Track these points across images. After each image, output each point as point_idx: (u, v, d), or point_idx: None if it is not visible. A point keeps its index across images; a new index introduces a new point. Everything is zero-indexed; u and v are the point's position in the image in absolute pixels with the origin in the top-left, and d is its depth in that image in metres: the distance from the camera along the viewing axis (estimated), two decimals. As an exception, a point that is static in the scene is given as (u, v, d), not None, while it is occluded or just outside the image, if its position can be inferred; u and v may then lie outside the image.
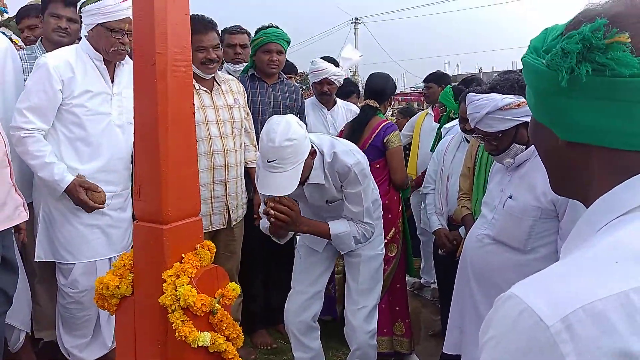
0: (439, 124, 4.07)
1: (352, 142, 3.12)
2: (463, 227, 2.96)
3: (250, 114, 3.18)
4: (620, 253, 0.59)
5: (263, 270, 3.38)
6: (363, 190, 2.21)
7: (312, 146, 2.08)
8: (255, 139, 3.21)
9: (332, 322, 3.48)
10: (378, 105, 3.20)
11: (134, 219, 1.69)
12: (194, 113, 1.61)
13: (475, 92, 2.33)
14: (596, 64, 0.64)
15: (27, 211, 2.27)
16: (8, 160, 2.14)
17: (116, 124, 2.59)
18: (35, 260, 2.56)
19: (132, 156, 2.72)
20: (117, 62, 2.63)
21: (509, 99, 2.09)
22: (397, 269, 3.23)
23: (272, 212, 2.08)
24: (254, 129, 3.22)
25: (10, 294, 2.26)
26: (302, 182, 2.13)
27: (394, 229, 3.18)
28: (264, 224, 2.33)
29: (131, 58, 2.02)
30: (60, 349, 2.71)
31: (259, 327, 3.34)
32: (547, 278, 0.61)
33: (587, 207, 0.72)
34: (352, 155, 2.14)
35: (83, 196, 2.41)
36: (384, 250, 2.63)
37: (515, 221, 2.12)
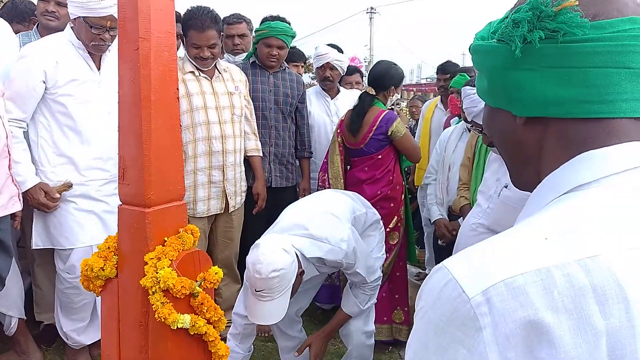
0: (457, 118, 3.96)
1: (351, 134, 3.13)
2: (461, 218, 2.94)
3: (252, 103, 3.19)
4: (550, 230, 0.60)
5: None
6: (356, 266, 2.23)
7: (300, 265, 2.05)
8: (256, 128, 3.22)
9: (333, 310, 3.50)
10: (375, 94, 3.15)
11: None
12: (177, 98, 1.62)
13: (470, 86, 2.31)
14: (547, 31, 0.64)
15: (22, 201, 2.31)
16: (8, 151, 2.19)
17: (105, 110, 2.60)
18: (33, 248, 2.60)
19: None
20: None
21: None
22: (398, 257, 3.22)
23: None
24: (256, 117, 3.23)
25: (3, 276, 2.31)
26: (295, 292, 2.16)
27: (396, 217, 3.16)
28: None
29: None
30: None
31: (256, 314, 3.37)
32: (476, 252, 0.62)
33: None
34: (338, 251, 2.11)
35: (43, 199, 2.44)
36: (385, 255, 2.64)
37: (510, 211, 2.10)
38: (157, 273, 1.50)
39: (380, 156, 3.15)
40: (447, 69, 4.54)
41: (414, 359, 0.62)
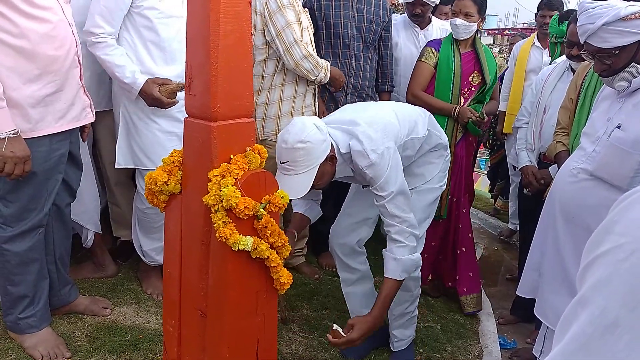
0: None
1: None
2: (554, 166, 2.66)
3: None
4: None
5: (335, 193, 3.30)
6: (382, 183, 1.97)
7: (333, 151, 1.91)
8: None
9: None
10: None
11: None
12: (249, 3, 1.47)
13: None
14: None
15: (94, 113, 2.30)
16: (79, 60, 2.16)
17: None
18: (115, 167, 2.61)
19: None
20: None
21: (634, 7, 1.75)
22: None
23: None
24: (336, 45, 3.05)
25: (74, 188, 2.34)
26: (327, 182, 1.98)
27: None
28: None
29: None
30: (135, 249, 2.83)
31: (326, 248, 3.31)
32: None
33: None
34: (366, 155, 1.92)
35: (157, 93, 2.38)
36: (444, 187, 2.40)
37: (621, 155, 1.83)
38: (220, 191, 1.42)
39: None
40: (553, 5, 4.07)
41: (603, 319, 0.44)
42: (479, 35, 3.05)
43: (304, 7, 2.93)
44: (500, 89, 3.87)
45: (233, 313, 1.52)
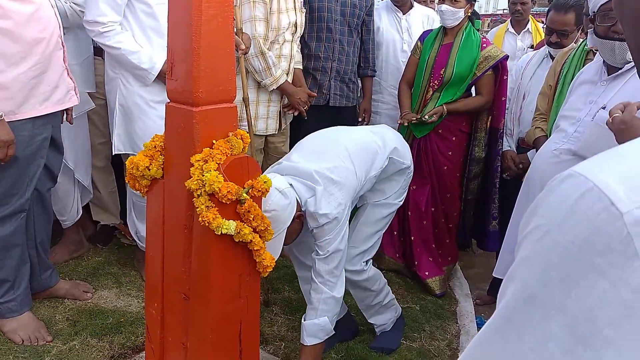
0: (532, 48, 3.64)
1: None
2: (532, 150, 2.71)
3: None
4: None
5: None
6: (324, 242, 1.95)
7: (300, 208, 1.87)
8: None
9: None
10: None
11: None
12: (233, -12, 1.47)
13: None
14: None
15: (78, 96, 2.28)
16: (62, 43, 2.13)
17: None
18: (114, 153, 2.60)
19: None
20: None
21: None
22: None
23: None
24: (320, 29, 3.05)
25: (55, 173, 2.32)
26: (295, 238, 1.99)
27: None
28: None
29: None
30: (120, 234, 2.82)
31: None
32: (624, 154, 0.46)
33: None
34: (316, 219, 1.90)
35: None
36: (401, 203, 2.34)
37: (605, 135, 1.86)
38: (202, 176, 1.43)
39: None
40: None
41: (523, 293, 0.47)
42: (472, 24, 2.99)
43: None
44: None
45: (216, 296, 1.54)
